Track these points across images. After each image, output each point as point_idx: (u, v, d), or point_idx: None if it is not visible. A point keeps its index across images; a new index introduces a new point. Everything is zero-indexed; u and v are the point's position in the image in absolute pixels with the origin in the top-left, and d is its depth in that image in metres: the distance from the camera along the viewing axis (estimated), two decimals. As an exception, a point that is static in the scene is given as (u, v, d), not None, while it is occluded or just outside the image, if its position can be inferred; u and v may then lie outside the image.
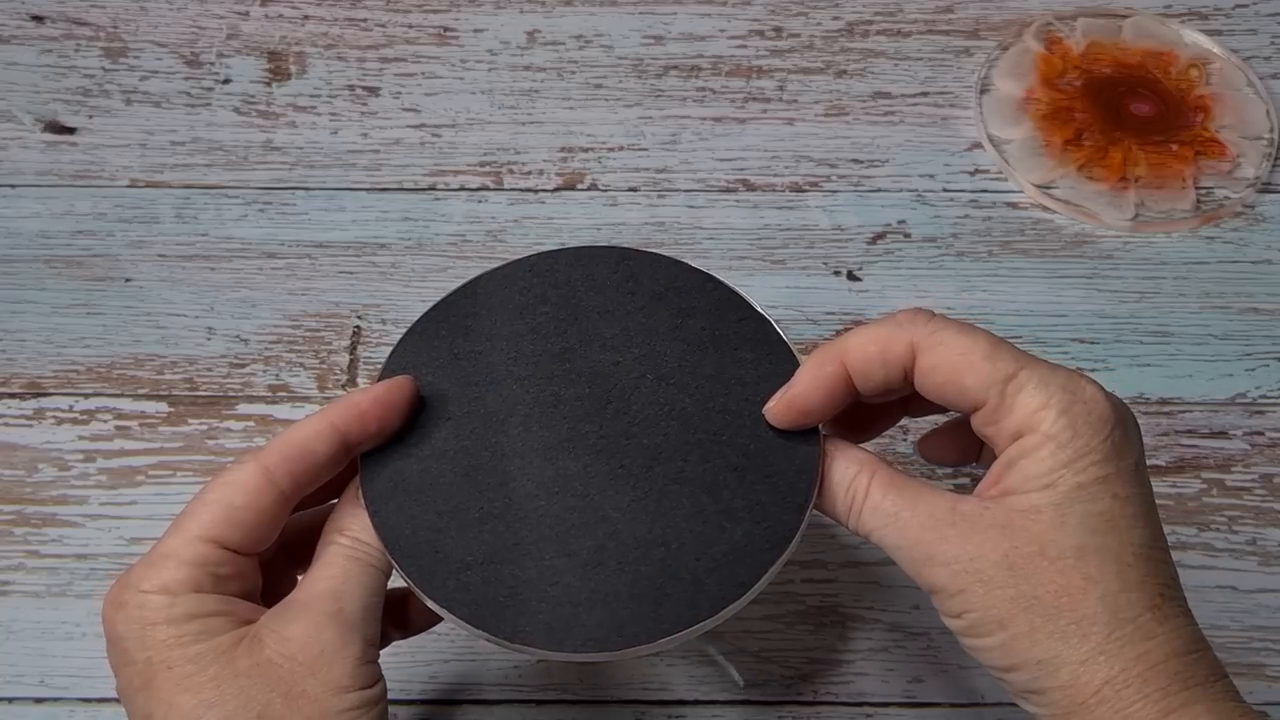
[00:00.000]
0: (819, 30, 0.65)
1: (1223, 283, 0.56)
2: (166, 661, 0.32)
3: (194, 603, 0.33)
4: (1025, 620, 0.32)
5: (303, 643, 0.33)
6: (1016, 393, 0.33)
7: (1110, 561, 0.32)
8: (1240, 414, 0.52)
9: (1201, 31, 0.64)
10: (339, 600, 0.34)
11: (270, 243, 0.57)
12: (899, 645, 0.47)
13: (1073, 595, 0.32)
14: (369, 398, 0.36)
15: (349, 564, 0.35)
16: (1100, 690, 0.31)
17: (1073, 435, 0.33)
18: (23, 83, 0.63)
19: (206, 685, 0.32)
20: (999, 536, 0.33)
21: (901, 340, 0.35)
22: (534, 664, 0.46)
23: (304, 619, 0.33)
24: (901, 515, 0.34)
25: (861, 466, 0.35)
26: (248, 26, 0.65)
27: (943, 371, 0.34)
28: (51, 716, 0.45)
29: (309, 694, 0.32)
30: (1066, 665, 0.32)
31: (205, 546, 0.33)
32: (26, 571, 0.48)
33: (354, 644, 0.33)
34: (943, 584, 0.33)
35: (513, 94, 0.63)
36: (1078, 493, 0.32)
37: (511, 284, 0.39)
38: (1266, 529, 0.49)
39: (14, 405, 0.52)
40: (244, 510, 0.34)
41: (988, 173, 0.60)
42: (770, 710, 0.46)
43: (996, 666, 0.33)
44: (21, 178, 0.59)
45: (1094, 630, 0.32)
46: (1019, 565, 0.32)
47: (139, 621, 0.33)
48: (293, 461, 0.34)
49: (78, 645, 0.47)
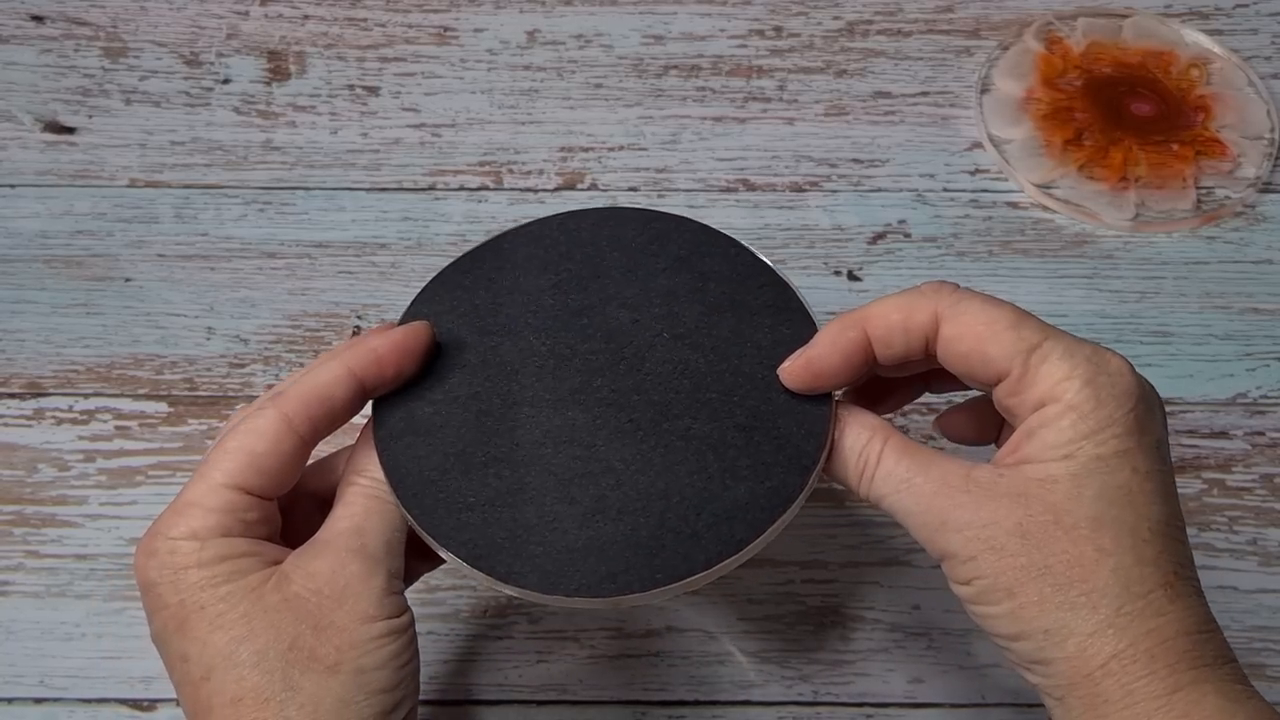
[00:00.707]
0: (819, 30, 0.65)
1: (1223, 283, 0.56)
2: (199, 602, 0.33)
3: (223, 546, 0.34)
4: (1035, 589, 0.32)
5: (329, 577, 0.34)
6: (1041, 362, 0.33)
7: (1126, 535, 0.32)
8: (1241, 414, 0.52)
9: (1202, 31, 0.64)
10: (361, 536, 0.35)
11: (270, 242, 0.57)
12: (899, 645, 0.47)
13: (1085, 566, 0.32)
14: (386, 342, 0.36)
15: (369, 502, 0.35)
16: (1107, 664, 0.31)
17: (1095, 406, 0.32)
18: (22, 82, 0.63)
19: (238, 622, 0.33)
20: (1013, 504, 0.32)
21: (925, 309, 0.35)
22: (534, 663, 0.46)
23: (328, 555, 0.34)
24: (914, 481, 0.34)
25: (875, 432, 0.35)
26: (247, 26, 0.65)
27: (966, 341, 0.34)
28: (51, 716, 0.45)
29: (337, 624, 0.33)
30: (1074, 636, 0.31)
31: (231, 493, 0.34)
32: (26, 572, 0.48)
33: (378, 575, 0.34)
34: (954, 550, 0.33)
35: (513, 94, 0.63)
36: (1097, 464, 0.32)
37: (538, 240, 0.40)
38: (1267, 529, 0.49)
39: (13, 405, 0.52)
40: (266, 457, 0.34)
41: (988, 172, 0.60)
42: (770, 710, 0.46)
43: (1003, 635, 0.33)
44: (21, 177, 0.59)
45: (1104, 603, 0.31)
46: (1032, 534, 0.32)
47: (170, 567, 0.33)
48: (311, 407, 0.35)
49: (77, 645, 0.47)
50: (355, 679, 0.33)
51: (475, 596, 0.48)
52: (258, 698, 0.32)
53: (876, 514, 0.50)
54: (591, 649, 0.47)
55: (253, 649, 0.32)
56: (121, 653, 0.47)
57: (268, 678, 0.32)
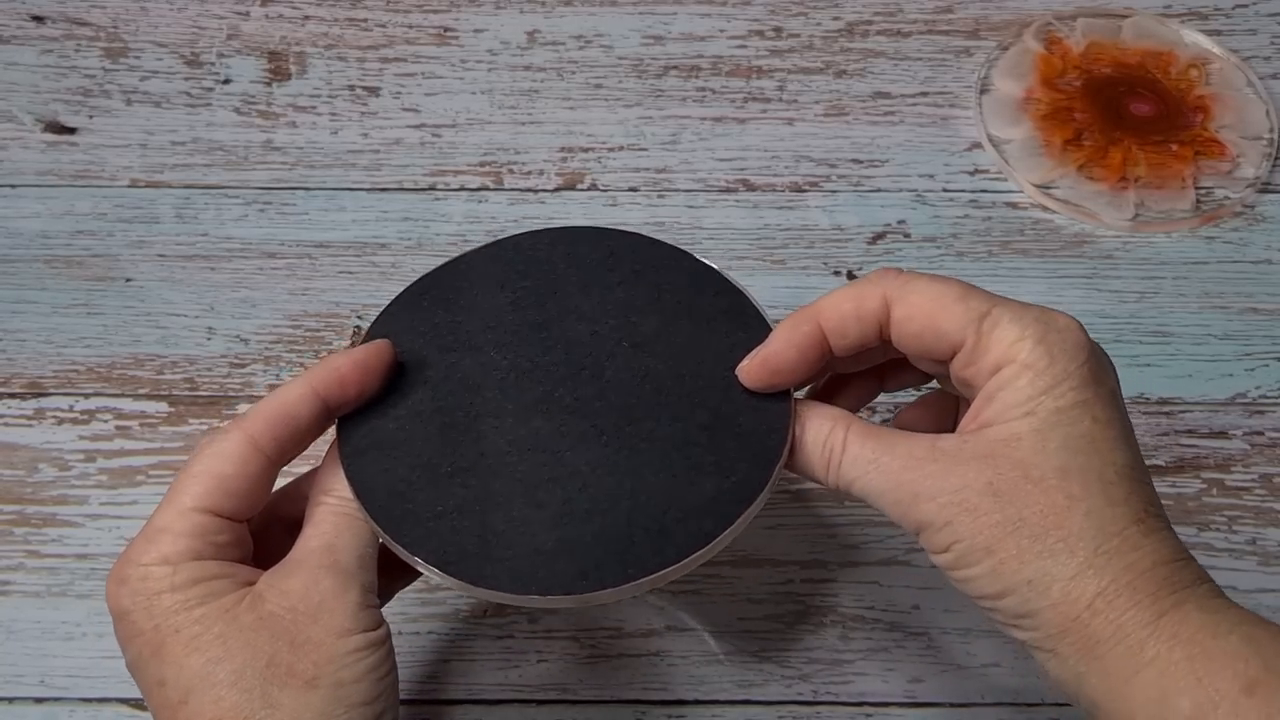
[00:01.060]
0: (819, 30, 0.65)
1: (1222, 283, 0.56)
2: (173, 626, 0.33)
3: (195, 569, 0.34)
4: (1013, 543, 0.32)
5: (302, 593, 0.34)
6: (993, 328, 0.34)
7: (1094, 480, 0.33)
8: (1240, 414, 0.52)
9: (1201, 31, 0.64)
10: (333, 553, 0.35)
11: (270, 243, 0.57)
12: (899, 645, 0.47)
13: (1058, 513, 0.32)
14: (348, 361, 0.37)
15: (338, 519, 0.36)
16: (1092, 603, 0.32)
17: (1050, 362, 0.33)
18: (23, 83, 0.63)
19: (213, 643, 0.33)
20: (981, 466, 0.33)
21: (875, 295, 0.35)
22: (534, 663, 0.46)
23: (301, 572, 0.34)
24: (881, 460, 0.35)
25: (836, 421, 0.36)
26: (248, 26, 0.65)
27: (918, 319, 0.35)
28: (51, 716, 0.45)
29: (314, 639, 0.33)
30: (1057, 582, 0.32)
31: (200, 516, 0.34)
32: (27, 571, 0.48)
33: (352, 590, 0.34)
34: (929, 518, 0.34)
35: (513, 94, 0.63)
36: (1057, 417, 0.33)
37: (495, 260, 0.40)
38: (1266, 529, 0.49)
39: (14, 405, 0.52)
40: (234, 479, 0.35)
41: (987, 173, 0.60)
42: (770, 710, 0.46)
43: (987, 595, 0.33)
44: (22, 178, 0.59)
45: (1081, 545, 0.32)
46: (1003, 491, 0.33)
47: (143, 593, 0.33)
48: (276, 427, 0.35)
49: (78, 645, 0.47)
50: (334, 693, 0.33)
51: (472, 598, 0.48)
52: (237, 716, 0.32)
53: (876, 514, 0.49)
54: (591, 649, 0.47)
55: (230, 668, 0.32)
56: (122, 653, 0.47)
57: (246, 696, 0.32)
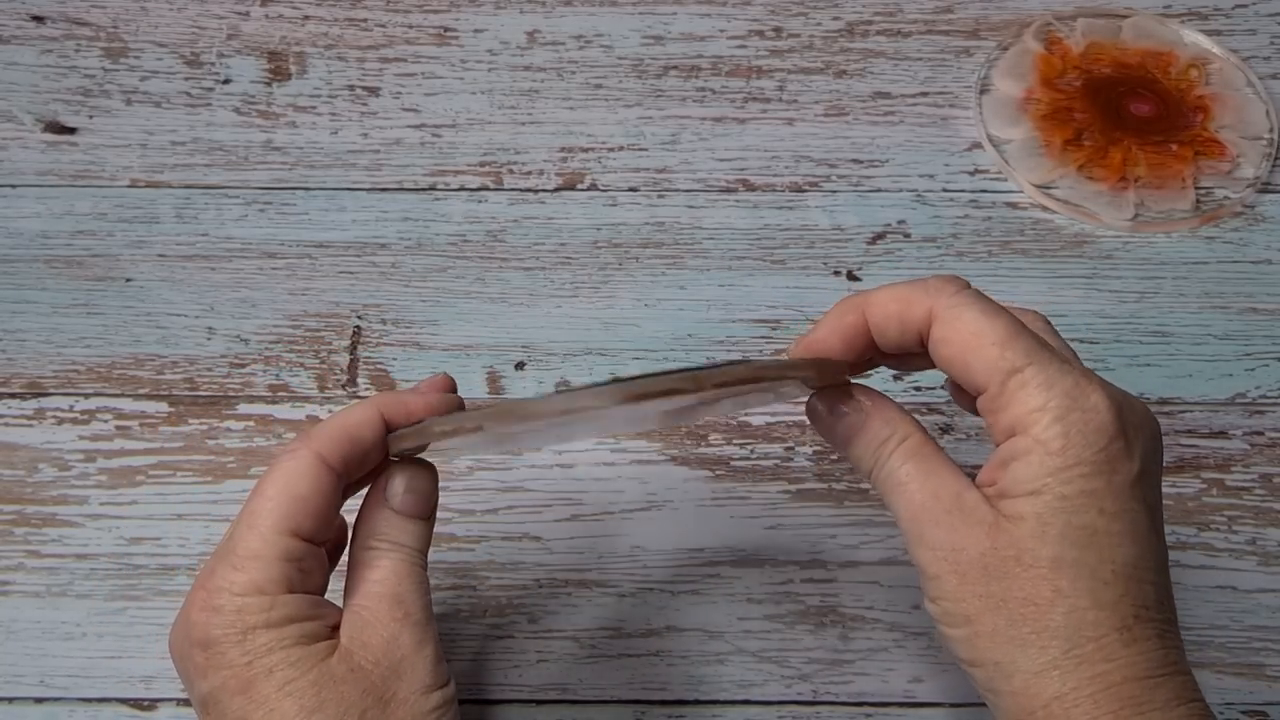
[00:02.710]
0: (819, 30, 0.65)
1: (1222, 283, 0.56)
2: (267, 666, 0.32)
3: (291, 606, 0.33)
4: (990, 621, 0.32)
5: (384, 649, 0.34)
6: (1019, 389, 0.33)
7: (1084, 577, 0.32)
8: (1240, 414, 0.52)
9: (1201, 31, 0.64)
10: (403, 605, 0.35)
11: (270, 243, 0.57)
12: (899, 645, 0.47)
13: (1039, 606, 0.32)
14: (419, 400, 0.37)
15: (399, 566, 0.35)
16: (1049, 704, 0.32)
17: (1064, 445, 0.32)
18: (23, 83, 0.63)
19: (308, 690, 0.32)
20: (983, 535, 0.33)
21: (922, 305, 0.35)
22: (534, 663, 0.46)
23: (378, 626, 0.34)
24: (909, 487, 0.34)
25: (895, 430, 0.36)
26: (248, 26, 0.65)
27: (953, 346, 0.34)
28: (51, 716, 0.45)
29: (400, 696, 0.34)
30: (1020, 673, 0.32)
31: (287, 540, 0.34)
32: (26, 571, 0.48)
33: (427, 645, 0.35)
34: (923, 566, 0.34)
35: (513, 94, 0.63)
36: (1061, 504, 0.32)
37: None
38: (1266, 529, 0.49)
39: (14, 405, 0.52)
40: (311, 498, 0.34)
41: (987, 173, 0.60)
42: (770, 710, 0.46)
43: (961, 659, 0.34)
44: (22, 178, 0.59)
45: (1053, 644, 0.32)
46: (994, 567, 0.32)
47: (238, 626, 0.33)
48: (343, 445, 0.35)
49: (78, 645, 0.47)
50: None
51: (475, 596, 0.48)
52: None
53: (876, 514, 0.50)
54: (591, 649, 0.47)
55: (324, 719, 0.32)
56: (122, 652, 0.47)
57: None
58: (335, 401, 0.53)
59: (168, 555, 0.49)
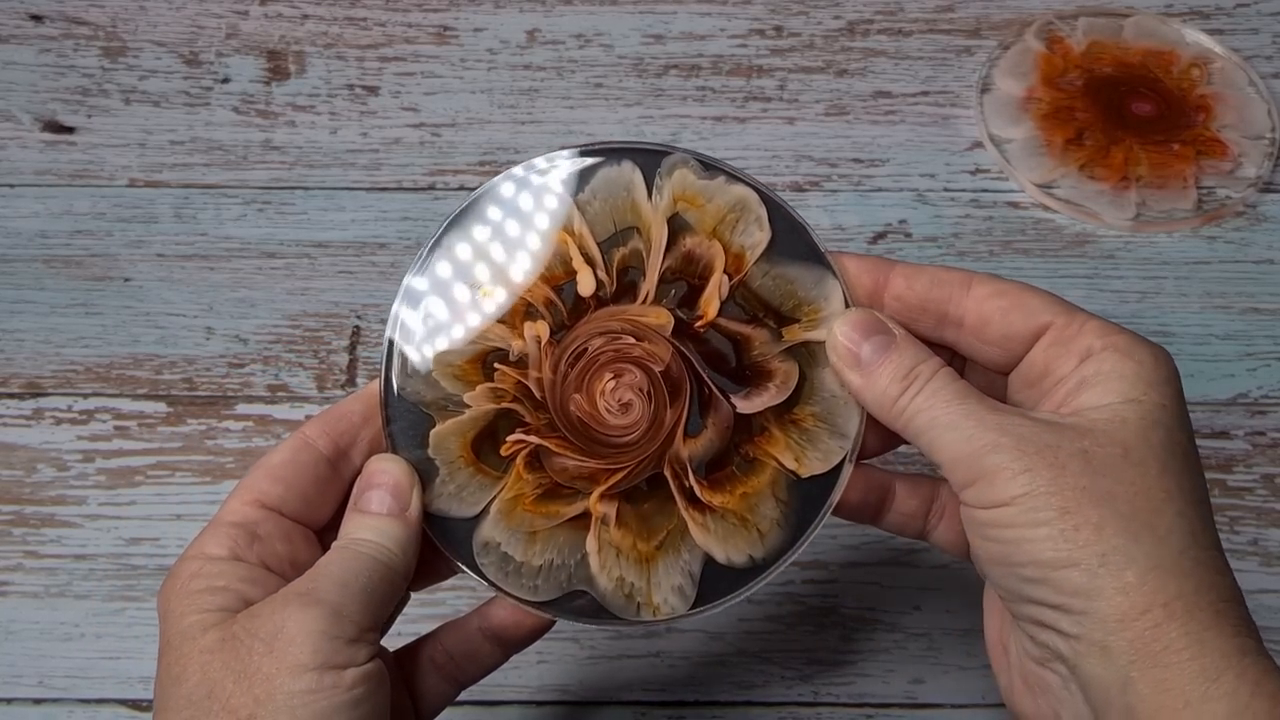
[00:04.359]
0: (819, 29, 0.65)
1: (1224, 283, 0.56)
2: (179, 631, 0.32)
3: (220, 571, 0.33)
4: (1095, 512, 0.30)
5: (266, 618, 0.31)
6: (1089, 319, 0.33)
7: (1189, 488, 0.31)
8: (1241, 414, 0.52)
9: (1203, 31, 0.64)
10: (313, 579, 0.32)
11: (269, 242, 0.57)
12: (899, 646, 0.47)
13: (1151, 502, 0.30)
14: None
15: (334, 553, 0.34)
16: (1170, 603, 0.29)
17: (1154, 360, 0.32)
18: (21, 82, 0.63)
19: (181, 659, 0.31)
20: (1077, 434, 0.31)
21: (958, 273, 0.35)
22: (534, 663, 0.46)
23: (276, 602, 0.32)
24: (969, 399, 0.33)
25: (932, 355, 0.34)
26: (247, 26, 0.65)
27: (1008, 296, 0.34)
28: (50, 717, 0.45)
29: (263, 671, 0.30)
30: (1135, 566, 0.29)
31: (245, 508, 0.34)
32: (25, 572, 0.48)
33: (319, 620, 0.31)
34: (1002, 462, 0.31)
35: (512, 93, 0.62)
36: (1161, 413, 0.31)
37: None
38: (1268, 529, 0.49)
39: (13, 405, 0.52)
40: (281, 466, 0.34)
41: (989, 172, 0.60)
42: (771, 711, 0.45)
43: (1041, 561, 0.30)
44: (20, 177, 0.59)
45: (1172, 539, 0.29)
46: (1097, 459, 0.30)
47: (173, 590, 0.33)
48: (328, 421, 0.35)
49: (76, 646, 0.47)
50: None
51: (475, 597, 0.48)
52: None
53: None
54: (591, 649, 0.47)
55: (181, 693, 0.31)
56: (121, 653, 0.46)
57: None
58: (334, 402, 0.53)
59: (166, 556, 0.48)
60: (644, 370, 0.36)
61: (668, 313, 0.36)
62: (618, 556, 0.35)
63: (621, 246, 0.37)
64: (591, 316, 0.36)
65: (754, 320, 0.36)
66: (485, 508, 0.36)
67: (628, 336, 0.36)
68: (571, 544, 0.36)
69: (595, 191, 0.37)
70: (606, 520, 0.36)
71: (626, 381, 0.36)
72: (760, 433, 0.36)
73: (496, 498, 0.36)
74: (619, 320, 0.36)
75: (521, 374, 0.36)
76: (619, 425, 0.36)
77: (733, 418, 0.36)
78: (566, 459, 0.36)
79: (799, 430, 0.36)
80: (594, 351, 0.36)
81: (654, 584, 0.35)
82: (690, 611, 0.35)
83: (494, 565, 0.35)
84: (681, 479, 0.36)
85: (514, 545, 0.36)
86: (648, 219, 0.37)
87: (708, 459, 0.36)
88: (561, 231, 0.37)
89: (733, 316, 0.36)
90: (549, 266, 0.36)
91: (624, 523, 0.36)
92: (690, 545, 0.35)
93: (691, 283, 0.37)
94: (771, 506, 0.36)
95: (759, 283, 0.36)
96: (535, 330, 0.36)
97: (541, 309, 0.36)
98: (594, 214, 0.37)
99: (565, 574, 0.35)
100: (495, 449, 0.36)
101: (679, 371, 0.36)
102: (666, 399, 0.36)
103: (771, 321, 0.36)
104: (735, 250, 0.37)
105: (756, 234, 0.37)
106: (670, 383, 0.36)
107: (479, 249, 0.37)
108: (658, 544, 0.36)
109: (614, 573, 0.35)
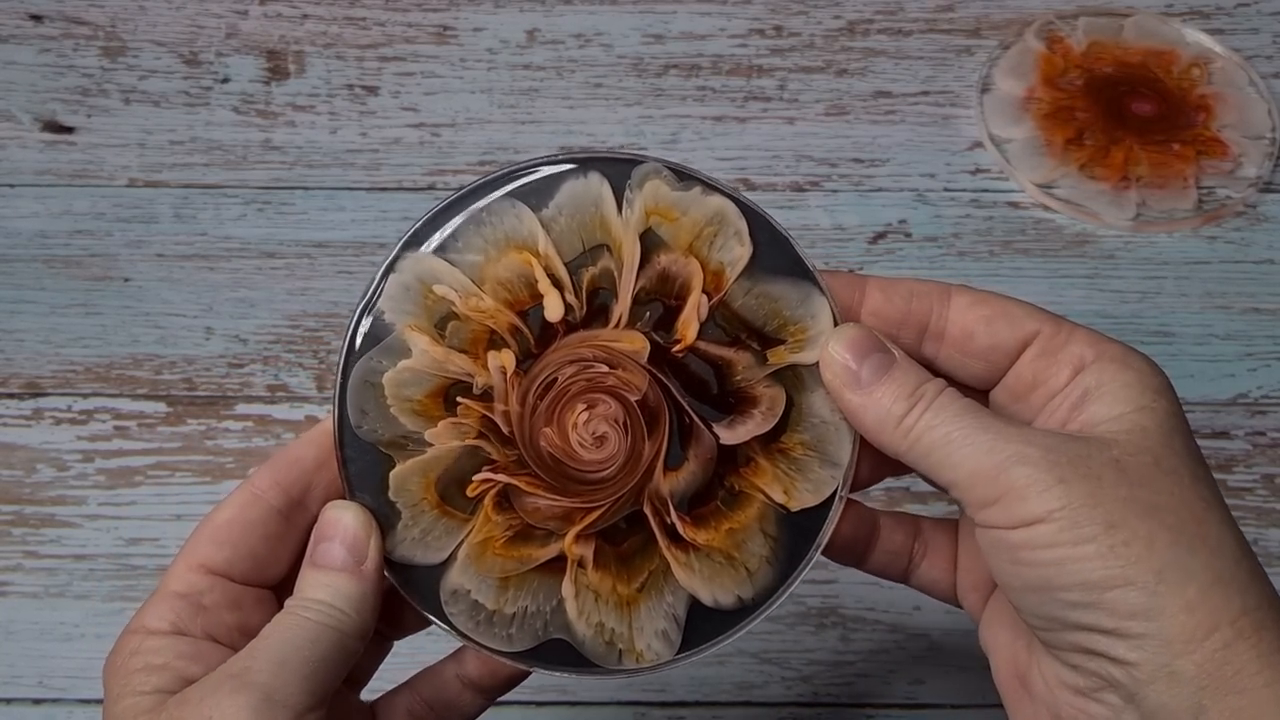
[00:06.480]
0: (819, 29, 0.65)
1: (1224, 282, 0.56)
2: (107, 713, 0.30)
3: (159, 648, 0.31)
4: (1143, 525, 0.27)
5: (195, 705, 0.29)
6: (1076, 329, 0.31)
7: (1218, 496, 0.29)
8: (1242, 414, 0.52)
9: (1203, 30, 0.64)
10: (250, 657, 0.30)
11: (269, 242, 0.57)
12: (900, 647, 0.47)
13: (1194, 511, 0.28)
14: None
15: (279, 620, 0.31)
16: (1238, 620, 0.26)
17: (1152, 370, 0.30)
18: (21, 82, 0.63)
19: None
20: (1102, 444, 0.29)
21: (934, 286, 0.33)
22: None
23: (206, 681, 0.29)
24: (982, 414, 0.30)
25: (929, 376, 0.32)
26: (246, 25, 0.65)
27: (991, 305, 0.32)
28: (50, 717, 0.45)
29: None
30: (1196, 581, 0.27)
31: (191, 574, 0.31)
32: (25, 572, 0.48)
33: (248, 708, 0.28)
34: (1030, 477, 0.28)
35: (512, 93, 0.62)
36: (1173, 420, 0.29)
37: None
38: (1268, 529, 0.49)
39: (12, 405, 0.52)
40: (226, 526, 0.32)
41: (989, 172, 0.60)
42: (771, 712, 0.45)
43: (1089, 583, 0.27)
44: (20, 177, 0.59)
45: (1225, 550, 0.27)
46: (1131, 469, 0.28)
47: (113, 667, 0.31)
48: (277, 469, 0.32)
49: (76, 646, 0.47)
50: None
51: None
52: None
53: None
54: (591, 650, 0.47)
55: None
56: (120, 653, 0.46)
57: None
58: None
59: (166, 556, 0.48)
60: (619, 400, 0.33)
61: (643, 337, 0.33)
62: (596, 601, 0.33)
63: (591, 266, 0.33)
64: (561, 343, 0.33)
65: (736, 342, 0.33)
66: (453, 553, 0.33)
67: (600, 364, 0.33)
68: (546, 589, 0.33)
69: (561, 207, 0.34)
70: (583, 562, 0.33)
71: (600, 413, 0.33)
72: (746, 464, 0.33)
73: (464, 542, 0.33)
74: (590, 346, 0.33)
75: (486, 407, 0.33)
76: (593, 460, 0.33)
77: (716, 448, 0.33)
78: (538, 498, 0.33)
79: (787, 460, 0.33)
80: (564, 381, 0.33)
81: (636, 629, 0.33)
82: (676, 658, 0.33)
83: (464, 614, 0.33)
84: (663, 516, 0.33)
85: (485, 592, 0.33)
86: (618, 236, 0.33)
87: (690, 493, 0.33)
88: (525, 252, 0.33)
89: (713, 339, 0.33)
90: (513, 290, 0.33)
91: (602, 564, 0.33)
92: (674, 587, 0.33)
93: (668, 304, 0.33)
94: (760, 543, 0.33)
95: (740, 302, 0.33)
96: (500, 360, 0.33)
97: (506, 336, 0.33)
98: (560, 231, 0.33)
99: (541, 621, 0.33)
100: (461, 489, 0.33)
101: (657, 400, 0.33)
102: (644, 430, 0.33)
103: (755, 343, 0.33)
104: (714, 267, 0.33)
105: (736, 249, 0.34)
106: (648, 413, 0.33)
107: (433, 274, 0.33)
108: (639, 586, 0.33)
109: (593, 618, 0.33)
